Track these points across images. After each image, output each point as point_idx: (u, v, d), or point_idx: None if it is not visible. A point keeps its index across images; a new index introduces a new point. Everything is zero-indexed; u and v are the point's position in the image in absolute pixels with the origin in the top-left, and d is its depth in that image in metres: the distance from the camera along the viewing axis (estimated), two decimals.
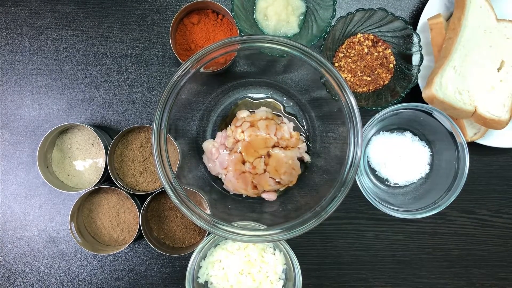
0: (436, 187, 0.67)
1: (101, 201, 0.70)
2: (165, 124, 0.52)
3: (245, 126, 0.64)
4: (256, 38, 0.52)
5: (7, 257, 0.72)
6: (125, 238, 0.69)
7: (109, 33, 0.72)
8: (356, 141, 0.53)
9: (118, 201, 0.69)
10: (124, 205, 0.69)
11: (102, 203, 0.69)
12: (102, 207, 0.69)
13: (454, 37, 0.63)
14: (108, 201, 0.69)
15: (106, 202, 0.69)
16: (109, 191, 0.70)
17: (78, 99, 0.72)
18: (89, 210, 0.70)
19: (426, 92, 0.63)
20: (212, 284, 0.65)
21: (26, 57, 0.72)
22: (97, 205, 0.70)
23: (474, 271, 0.75)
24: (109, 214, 0.69)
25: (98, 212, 0.69)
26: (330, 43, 0.66)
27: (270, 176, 0.63)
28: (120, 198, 0.69)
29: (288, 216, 0.58)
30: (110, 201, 0.69)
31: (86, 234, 0.69)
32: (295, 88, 0.69)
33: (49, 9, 0.71)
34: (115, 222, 0.69)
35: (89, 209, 0.70)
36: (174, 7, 0.71)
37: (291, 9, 0.68)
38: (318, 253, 0.74)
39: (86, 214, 0.70)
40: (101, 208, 0.69)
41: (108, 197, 0.70)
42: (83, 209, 0.70)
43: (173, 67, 0.72)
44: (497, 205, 0.74)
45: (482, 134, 0.68)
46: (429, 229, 0.74)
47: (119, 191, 0.69)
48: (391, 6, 0.72)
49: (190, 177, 0.65)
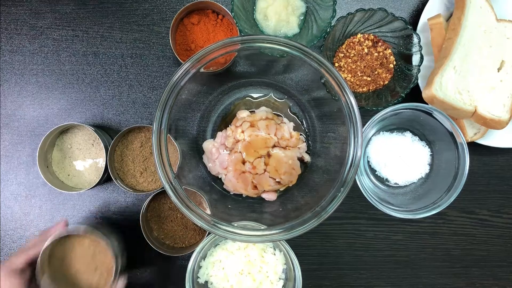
0: (436, 187, 0.67)
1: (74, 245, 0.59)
2: (165, 124, 0.52)
3: (245, 126, 0.64)
4: (256, 38, 0.52)
5: (7, 257, 0.72)
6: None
7: (109, 33, 0.72)
8: (356, 141, 0.53)
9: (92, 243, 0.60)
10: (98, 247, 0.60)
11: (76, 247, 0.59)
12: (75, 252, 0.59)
13: (454, 37, 0.63)
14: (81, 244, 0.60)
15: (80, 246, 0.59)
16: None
17: (78, 99, 0.72)
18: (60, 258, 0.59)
19: (426, 92, 0.63)
20: (212, 284, 0.65)
21: (26, 57, 0.72)
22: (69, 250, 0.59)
23: (474, 271, 0.75)
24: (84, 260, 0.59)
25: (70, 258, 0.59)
26: (330, 43, 0.66)
27: (270, 176, 0.63)
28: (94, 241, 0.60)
29: (288, 216, 0.58)
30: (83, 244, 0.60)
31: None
32: (295, 88, 0.69)
33: (49, 9, 0.71)
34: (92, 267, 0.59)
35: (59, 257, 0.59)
36: (174, 7, 0.71)
37: (291, 9, 0.68)
38: (318, 253, 0.74)
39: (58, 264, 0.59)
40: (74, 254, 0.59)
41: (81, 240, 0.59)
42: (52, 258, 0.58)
43: (173, 67, 0.72)
44: (497, 205, 0.74)
45: (482, 134, 0.68)
46: (429, 229, 0.74)
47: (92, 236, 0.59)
48: (391, 6, 0.72)
49: (190, 177, 0.65)
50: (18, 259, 0.54)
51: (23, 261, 0.54)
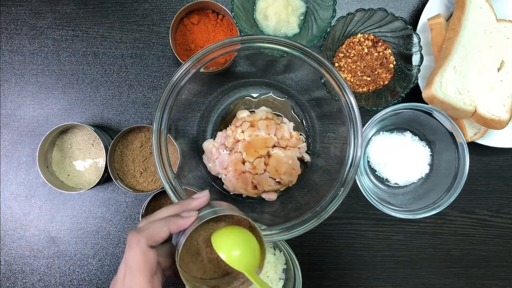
0: (436, 187, 0.67)
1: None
2: (165, 124, 0.52)
3: (245, 126, 0.64)
4: (256, 38, 0.52)
5: (7, 257, 0.72)
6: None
7: (109, 33, 0.72)
8: (356, 141, 0.53)
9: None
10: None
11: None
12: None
13: (454, 37, 0.63)
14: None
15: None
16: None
17: (78, 99, 0.72)
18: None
19: (426, 92, 0.63)
20: None
21: (26, 57, 0.72)
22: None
23: (474, 271, 0.75)
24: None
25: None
26: (330, 43, 0.66)
27: (270, 176, 0.63)
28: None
29: (288, 216, 0.58)
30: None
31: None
32: (295, 88, 0.69)
33: (49, 9, 0.71)
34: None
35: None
36: (174, 7, 0.71)
37: (291, 9, 0.68)
38: (318, 253, 0.74)
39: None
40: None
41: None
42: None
43: (173, 67, 0.72)
44: (497, 205, 0.74)
45: (482, 134, 0.68)
46: (429, 229, 0.74)
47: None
48: (391, 6, 0.72)
49: (190, 177, 0.65)
50: (161, 232, 0.40)
51: (166, 236, 0.40)
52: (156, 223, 0.41)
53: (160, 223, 0.41)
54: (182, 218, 0.41)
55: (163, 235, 0.40)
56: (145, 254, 0.39)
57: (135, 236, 0.39)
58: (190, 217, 0.41)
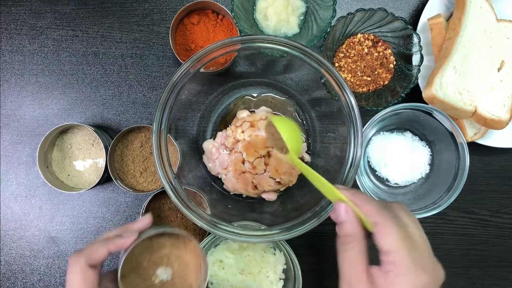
0: (436, 187, 0.67)
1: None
2: (165, 124, 0.52)
3: (245, 126, 0.64)
4: (256, 38, 0.52)
5: (7, 257, 0.72)
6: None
7: (109, 33, 0.72)
8: (356, 141, 0.53)
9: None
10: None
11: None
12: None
13: (454, 37, 0.63)
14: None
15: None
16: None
17: (78, 99, 0.72)
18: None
19: (426, 92, 0.63)
20: (212, 284, 0.65)
21: (26, 57, 0.72)
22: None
23: (474, 271, 0.75)
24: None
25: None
26: (330, 43, 0.66)
27: (270, 176, 0.63)
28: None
29: (288, 216, 0.58)
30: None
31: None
32: (295, 88, 0.69)
33: (49, 9, 0.71)
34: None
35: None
36: (174, 7, 0.71)
37: (291, 9, 0.68)
38: (318, 253, 0.74)
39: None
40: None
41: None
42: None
43: (173, 67, 0.72)
44: (497, 205, 0.74)
45: (482, 134, 0.68)
46: (429, 229, 0.74)
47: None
48: (391, 6, 0.72)
49: (190, 177, 0.65)
50: (99, 251, 0.43)
51: (104, 255, 0.43)
52: (96, 244, 0.44)
53: (100, 243, 0.44)
54: (122, 238, 0.44)
55: (101, 255, 0.43)
56: (84, 273, 0.42)
57: (74, 256, 0.43)
58: (130, 237, 0.44)
